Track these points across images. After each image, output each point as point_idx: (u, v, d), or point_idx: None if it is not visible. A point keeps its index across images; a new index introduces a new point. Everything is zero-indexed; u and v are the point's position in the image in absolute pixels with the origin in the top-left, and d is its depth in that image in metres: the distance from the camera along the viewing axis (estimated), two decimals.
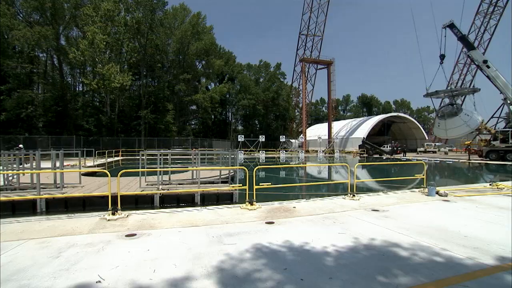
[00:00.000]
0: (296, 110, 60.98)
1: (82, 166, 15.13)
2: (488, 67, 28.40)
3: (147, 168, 9.28)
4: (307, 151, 47.15)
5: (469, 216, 5.39)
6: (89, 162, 19.46)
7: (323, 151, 41.84)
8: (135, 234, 4.17)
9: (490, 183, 9.64)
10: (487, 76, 28.83)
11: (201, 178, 9.41)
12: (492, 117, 31.02)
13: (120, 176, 5.81)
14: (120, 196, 5.63)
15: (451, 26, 29.94)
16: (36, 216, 5.73)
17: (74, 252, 3.45)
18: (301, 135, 48.37)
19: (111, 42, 36.08)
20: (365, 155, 40.48)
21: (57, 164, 9.36)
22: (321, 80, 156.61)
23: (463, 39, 30.41)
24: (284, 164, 23.45)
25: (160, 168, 9.03)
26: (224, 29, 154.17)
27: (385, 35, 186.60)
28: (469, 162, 26.68)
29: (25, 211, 7.13)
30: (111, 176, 5.83)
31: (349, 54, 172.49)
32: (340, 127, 60.63)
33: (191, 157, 12.21)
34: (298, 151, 38.93)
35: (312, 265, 3.06)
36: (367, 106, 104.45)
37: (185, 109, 53.30)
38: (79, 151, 12.06)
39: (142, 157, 9.51)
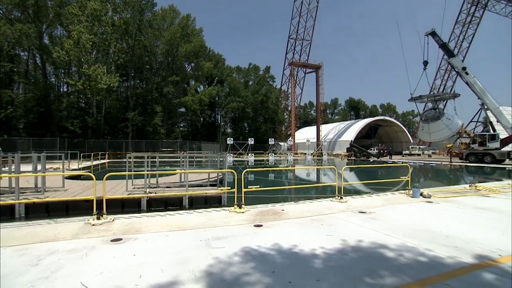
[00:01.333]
0: (285, 113, 61.43)
1: (66, 169, 14.64)
2: (467, 73, 29.63)
3: (134, 171, 9.09)
4: (296, 154, 47.50)
5: (450, 217, 5.58)
6: (74, 165, 18.86)
7: (311, 153, 42.28)
8: (121, 239, 4.07)
9: (470, 184, 10.04)
10: (466, 82, 30.06)
11: (189, 181, 9.31)
12: (471, 121, 32.29)
13: (106, 179, 5.66)
14: (106, 200, 5.49)
15: (433, 34, 31.08)
16: (15, 222, 5.49)
17: (55, 259, 3.33)
18: (290, 138, 48.70)
19: (98, 42, 35.26)
20: (353, 158, 41.19)
21: (39, 167, 9.02)
22: (310, 83, 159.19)
23: (443, 46, 31.63)
24: (273, 167, 23.52)
25: (147, 171, 8.87)
26: (213, 32, 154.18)
27: (372, 41, 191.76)
28: (450, 165, 27.64)
29: (2, 217, 6.81)
30: (96, 179, 5.67)
31: (337, 59, 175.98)
32: (328, 130, 61.52)
33: (179, 160, 12.05)
34: (287, 154, 39.17)
35: (300, 268, 3.08)
36: (355, 109, 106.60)
37: (173, 112, 52.67)
38: (62, 153, 11.65)
39: (129, 160, 9.31)
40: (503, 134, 28.41)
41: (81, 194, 8.31)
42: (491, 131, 29.14)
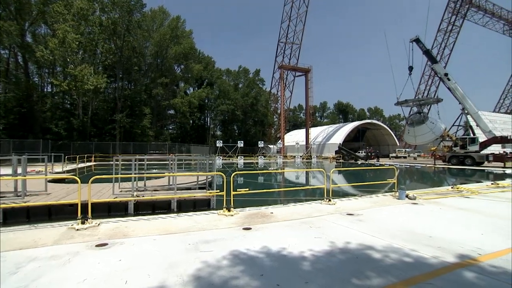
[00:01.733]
0: (274, 116, 61.73)
1: (49, 172, 14.14)
2: (448, 79, 30.81)
3: (121, 174, 8.89)
4: (285, 157, 47.77)
5: (434, 218, 5.75)
6: (58, 168, 18.24)
7: (301, 156, 42.64)
8: (107, 244, 3.96)
9: (452, 186, 10.38)
10: (448, 88, 31.25)
11: (178, 184, 9.19)
12: (453, 125, 33.50)
13: (92, 182, 5.51)
14: (92, 203, 5.34)
15: (417, 40, 32.19)
16: None
17: (36, 266, 3.19)
18: (280, 141, 48.99)
19: (84, 42, 34.43)
20: (341, 161, 41.80)
21: (19, 170, 8.68)
22: (299, 86, 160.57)
23: (427, 53, 32.79)
24: (263, 169, 23.56)
25: (135, 174, 8.70)
26: (203, 34, 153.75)
27: (360, 45, 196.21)
28: (434, 167, 28.49)
29: None
30: (82, 182, 5.51)
31: (327, 62, 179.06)
32: (317, 133, 62.27)
33: (168, 162, 11.90)
34: (277, 157, 39.34)
35: (289, 270, 3.09)
36: (343, 113, 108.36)
37: (162, 114, 52.00)
38: (45, 156, 11.26)
39: (116, 163, 9.11)
40: (482, 138, 29.61)
41: (65, 198, 8.05)
42: (471, 135, 30.34)
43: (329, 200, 7.21)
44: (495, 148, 29.39)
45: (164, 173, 12.58)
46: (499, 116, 48.59)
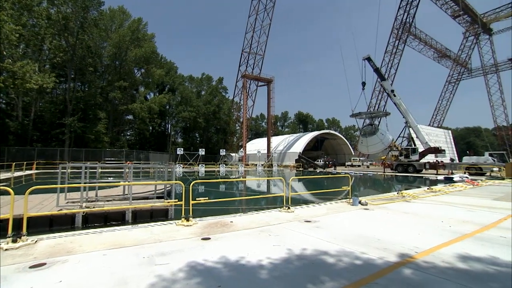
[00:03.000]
0: (237, 125, 61.98)
1: None
2: (394, 95, 34.35)
3: (68, 183, 8.07)
4: (247, 165, 48.01)
5: (382, 222, 6.26)
6: None
7: (262, 165, 43.19)
8: (45, 264, 3.50)
9: (397, 192, 11.45)
10: (394, 103, 34.76)
11: (134, 194, 8.65)
12: (399, 136, 37.22)
13: (31, 193, 4.89)
14: (29, 218, 4.72)
15: (368, 59, 35.39)
16: None
17: None
18: (241, 149, 49.11)
19: (27, 35, 30.96)
20: (301, 169, 43.35)
21: None
22: (262, 96, 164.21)
23: (377, 71, 36.20)
24: (224, 178, 23.35)
25: (84, 183, 7.96)
26: (167, 39, 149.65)
27: (320, 59, 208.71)
28: (384, 174, 31.17)
29: None
30: (18, 193, 4.86)
31: (288, 73, 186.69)
32: (278, 142, 63.94)
33: (124, 170, 11.15)
34: (238, 165, 39.36)
35: (247, 280, 3.10)
36: (303, 123, 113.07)
37: (120, 119, 48.83)
38: None
39: (63, 171, 8.24)
40: (421, 148, 33.39)
41: None
42: (413, 146, 34.03)
43: (288, 208, 7.39)
44: (431, 157, 33.33)
45: (119, 182, 11.73)
46: (433, 130, 55.54)
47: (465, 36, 76.23)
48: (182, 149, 31.83)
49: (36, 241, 4.41)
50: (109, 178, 17.92)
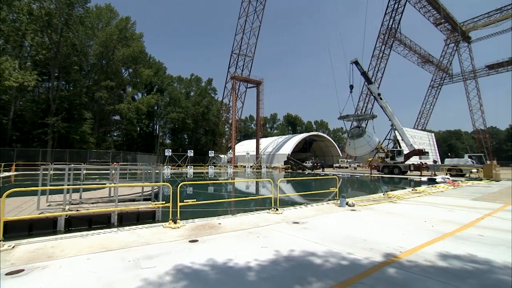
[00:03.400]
0: (226, 126, 61.74)
1: None
2: (381, 99, 35.19)
3: (51, 185, 7.79)
4: (235, 167, 47.89)
5: (368, 222, 6.39)
6: None
7: (251, 166, 43.23)
8: (22, 270, 3.33)
9: (383, 193, 11.72)
10: (381, 106, 35.62)
11: (120, 196, 8.45)
12: (385, 138, 38.09)
13: (8, 196, 4.69)
14: (5, 222, 4.53)
15: (356, 63, 36.09)
16: None
17: None
18: (230, 151, 49.03)
19: (6, 31, 29.73)
20: (290, 171, 43.65)
21: None
22: (251, 97, 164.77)
23: (364, 74, 36.98)
24: (213, 179, 23.19)
25: (68, 185, 7.71)
26: (155, 39, 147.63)
27: (309, 61, 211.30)
28: (371, 176, 31.84)
29: None
30: None
31: (278, 75, 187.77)
32: (267, 143, 64.16)
33: (110, 172, 10.87)
34: (227, 167, 39.21)
35: (234, 282, 3.09)
36: (292, 125, 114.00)
37: (106, 119, 47.62)
38: None
39: (44, 172, 7.95)
40: (406, 151, 34.34)
41: None
42: (398, 148, 34.97)
43: (277, 210, 7.43)
44: (415, 159, 34.34)
45: (105, 183, 11.43)
46: (418, 132, 57.34)
47: (446, 43, 79.51)
48: (170, 150, 31.41)
49: (13, 247, 4.22)
50: (96, 180, 17.44)
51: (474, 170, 26.76)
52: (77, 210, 7.29)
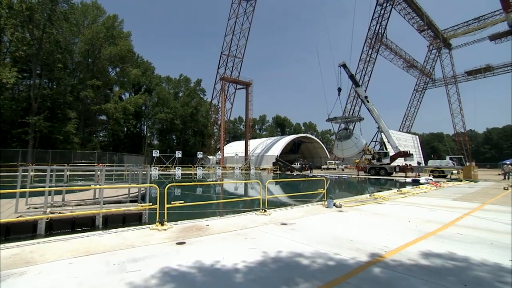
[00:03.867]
0: (214, 127, 61.36)
1: None
2: (368, 101, 36.02)
3: (30, 187, 7.49)
4: (224, 168, 47.67)
5: (355, 223, 6.50)
6: None
7: (239, 167, 43.15)
8: None
9: (370, 194, 11.96)
10: (368, 109, 36.44)
11: (106, 198, 8.25)
12: (372, 140, 38.95)
13: None
14: None
15: (344, 66, 36.81)
16: None
17: None
18: (219, 152, 48.72)
19: None
20: (278, 172, 43.86)
21: None
22: (240, 99, 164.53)
23: (352, 77, 37.76)
24: (201, 181, 22.98)
25: (49, 187, 7.44)
26: (144, 39, 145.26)
27: (297, 64, 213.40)
28: (358, 177, 32.44)
29: None
30: None
31: (267, 77, 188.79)
32: (256, 145, 64.24)
33: (95, 173, 10.58)
34: (216, 168, 38.98)
35: (222, 284, 3.07)
36: (281, 126, 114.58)
37: (92, 119, 46.28)
38: None
39: (23, 174, 7.64)
40: (392, 152, 35.25)
41: None
42: (384, 150, 35.83)
43: (265, 211, 7.44)
44: (400, 161, 35.30)
45: (89, 185, 11.12)
46: (403, 135, 59.02)
47: (429, 49, 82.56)
48: (158, 151, 30.88)
49: None
50: (80, 182, 16.92)
51: (454, 172, 27.80)
52: (60, 213, 7.05)
